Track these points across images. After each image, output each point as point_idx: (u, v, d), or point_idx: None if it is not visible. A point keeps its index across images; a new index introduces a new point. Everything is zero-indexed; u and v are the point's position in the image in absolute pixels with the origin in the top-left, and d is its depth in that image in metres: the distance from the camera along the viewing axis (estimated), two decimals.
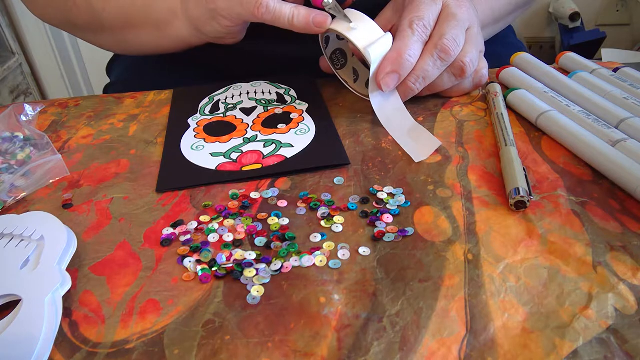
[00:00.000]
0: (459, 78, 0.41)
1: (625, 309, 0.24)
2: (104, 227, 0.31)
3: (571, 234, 0.28)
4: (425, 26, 0.39)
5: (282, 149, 0.37)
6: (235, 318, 0.25)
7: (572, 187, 0.32)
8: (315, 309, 0.25)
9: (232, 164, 0.36)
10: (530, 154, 0.35)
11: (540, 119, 0.38)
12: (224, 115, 0.43)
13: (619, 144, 0.33)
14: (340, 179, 0.34)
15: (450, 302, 0.25)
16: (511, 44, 0.63)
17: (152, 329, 0.24)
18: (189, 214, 0.32)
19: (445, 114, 0.41)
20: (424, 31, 0.39)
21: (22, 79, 1.51)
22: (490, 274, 0.26)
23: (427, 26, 0.39)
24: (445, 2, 0.40)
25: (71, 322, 0.25)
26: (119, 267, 0.28)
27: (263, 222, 0.31)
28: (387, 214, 0.30)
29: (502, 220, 0.30)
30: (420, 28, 0.38)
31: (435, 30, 0.39)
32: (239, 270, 0.27)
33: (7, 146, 0.38)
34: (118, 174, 0.36)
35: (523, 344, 0.23)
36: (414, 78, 0.39)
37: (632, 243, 0.28)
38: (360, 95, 0.43)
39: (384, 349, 0.23)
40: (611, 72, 0.43)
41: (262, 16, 0.40)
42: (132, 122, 0.43)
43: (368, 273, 0.27)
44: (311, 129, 0.39)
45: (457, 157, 0.35)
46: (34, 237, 0.28)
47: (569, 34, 1.70)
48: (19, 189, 0.34)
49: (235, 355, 0.23)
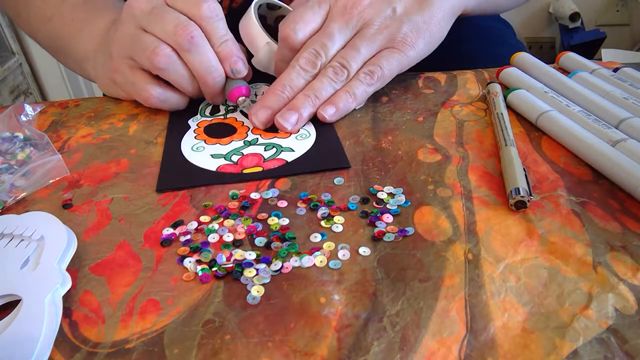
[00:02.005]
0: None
1: (625, 309, 0.24)
2: (104, 227, 0.31)
3: (571, 234, 0.28)
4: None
5: (282, 152, 0.37)
6: (235, 318, 0.25)
7: (572, 187, 0.32)
8: (315, 309, 0.25)
9: (232, 166, 0.36)
10: (530, 154, 0.35)
11: (540, 119, 0.38)
12: (225, 117, 0.43)
13: (619, 144, 0.33)
14: (340, 179, 0.34)
15: (450, 302, 0.25)
16: (511, 44, 0.63)
17: (152, 328, 0.24)
18: (189, 214, 0.32)
19: (445, 113, 0.41)
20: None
21: (22, 79, 1.51)
22: (490, 274, 0.26)
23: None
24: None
25: (71, 322, 0.25)
26: (119, 267, 0.28)
27: (263, 222, 0.31)
28: (387, 214, 0.30)
29: (502, 220, 0.30)
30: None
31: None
32: (239, 270, 0.27)
33: (7, 146, 0.38)
34: (118, 174, 0.36)
35: (523, 344, 0.23)
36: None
37: (632, 243, 0.28)
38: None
39: (384, 349, 0.23)
40: (611, 72, 0.43)
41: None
42: (132, 121, 0.43)
43: (368, 273, 0.27)
44: (311, 134, 0.39)
45: (457, 157, 0.35)
46: (34, 237, 0.28)
47: (569, 34, 1.70)
48: (19, 189, 0.34)
49: (235, 355, 0.23)
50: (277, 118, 0.39)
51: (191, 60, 0.39)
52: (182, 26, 0.38)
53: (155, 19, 0.39)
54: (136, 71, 0.41)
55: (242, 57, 0.41)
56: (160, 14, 0.39)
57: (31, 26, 0.52)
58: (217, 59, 0.40)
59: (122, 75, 0.42)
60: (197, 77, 0.40)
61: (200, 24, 0.39)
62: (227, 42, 0.40)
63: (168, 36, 0.38)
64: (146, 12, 0.39)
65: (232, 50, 0.40)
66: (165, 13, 0.39)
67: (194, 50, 0.39)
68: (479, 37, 0.61)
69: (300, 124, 0.39)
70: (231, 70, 0.41)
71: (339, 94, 0.40)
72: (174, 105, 0.43)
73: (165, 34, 0.39)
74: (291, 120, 0.39)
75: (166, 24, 0.38)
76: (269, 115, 0.39)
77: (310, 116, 0.40)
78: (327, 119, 0.39)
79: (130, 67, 0.42)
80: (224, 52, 0.40)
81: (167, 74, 0.40)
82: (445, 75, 0.47)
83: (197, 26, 0.39)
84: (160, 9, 0.39)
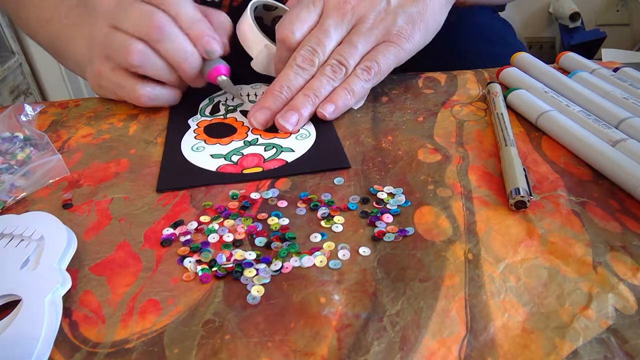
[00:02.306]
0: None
1: (625, 309, 0.24)
2: (104, 227, 0.31)
3: (571, 234, 0.28)
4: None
5: (282, 153, 0.37)
6: (235, 318, 0.25)
7: (572, 187, 0.32)
8: (315, 309, 0.25)
9: (232, 166, 0.36)
10: (530, 154, 0.35)
11: (540, 119, 0.38)
12: (224, 117, 0.43)
13: (619, 144, 0.33)
14: (340, 179, 0.34)
15: (450, 302, 0.25)
16: (511, 44, 0.63)
17: (152, 328, 0.24)
18: (189, 214, 0.32)
19: (445, 113, 0.41)
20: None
21: (22, 79, 1.51)
22: (490, 274, 0.26)
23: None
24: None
25: (71, 322, 0.25)
26: (119, 267, 0.28)
27: (263, 222, 0.31)
28: (387, 214, 0.30)
29: (502, 220, 0.30)
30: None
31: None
32: (239, 270, 0.27)
33: (7, 146, 0.38)
34: (118, 174, 0.36)
35: (523, 344, 0.23)
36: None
37: (632, 243, 0.28)
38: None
39: (384, 349, 0.23)
40: (611, 72, 0.43)
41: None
42: (132, 121, 0.43)
43: (368, 273, 0.27)
44: (311, 134, 0.39)
45: (457, 157, 0.35)
46: (34, 237, 0.28)
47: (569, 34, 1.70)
48: (19, 189, 0.34)
49: (235, 354, 0.23)
50: (277, 119, 0.39)
51: (164, 50, 0.39)
52: (148, 17, 0.37)
53: (122, 14, 0.38)
54: (119, 72, 0.41)
55: (214, 35, 0.40)
56: (126, 7, 0.38)
57: (30, 28, 0.52)
58: (190, 43, 0.39)
59: (107, 79, 0.42)
60: (173, 65, 0.40)
61: (166, 9, 0.38)
62: (197, 23, 0.39)
63: (136, 30, 0.38)
64: (113, 7, 0.39)
65: (203, 30, 0.39)
66: (130, 5, 0.38)
67: (164, 39, 0.38)
68: (479, 37, 0.61)
69: (301, 124, 0.39)
70: (205, 52, 0.40)
71: (337, 92, 0.40)
72: (166, 100, 0.42)
73: (133, 28, 0.38)
74: (292, 120, 0.39)
75: (132, 17, 0.38)
76: (267, 116, 0.39)
77: (310, 115, 0.40)
78: (327, 117, 0.39)
79: (112, 69, 0.41)
80: (194, 34, 0.39)
81: (145, 70, 0.40)
82: (445, 75, 0.47)
83: (163, 13, 0.38)
84: (125, 1, 0.38)
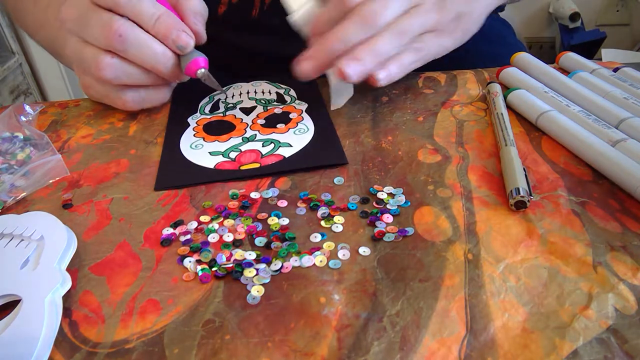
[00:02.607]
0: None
1: (625, 309, 0.24)
2: (104, 227, 0.31)
3: (571, 234, 0.28)
4: None
5: (280, 148, 0.37)
6: (235, 318, 0.25)
7: (572, 187, 0.32)
8: (315, 309, 0.25)
9: (230, 162, 0.36)
10: (530, 154, 0.35)
11: (540, 119, 0.38)
12: (224, 114, 0.43)
13: (619, 144, 0.33)
14: (340, 179, 0.34)
15: (450, 302, 0.25)
16: (511, 44, 0.63)
17: (152, 328, 0.24)
18: (189, 214, 0.32)
19: (445, 113, 0.41)
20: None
21: (22, 79, 1.51)
22: (490, 274, 0.26)
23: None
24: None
25: (71, 322, 0.25)
26: (119, 267, 0.28)
27: (263, 222, 0.31)
28: (387, 214, 0.30)
29: (502, 220, 0.30)
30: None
31: None
32: (239, 270, 0.27)
33: (7, 146, 0.38)
34: (118, 174, 0.36)
35: (523, 344, 0.23)
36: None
37: (632, 243, 0.28)
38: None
39: (384, 349, 0.23)
40: (611, 72, 0.43)
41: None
42: (132, 121, 0.43)
43: (368, 273, 0.27)
44: (310, 129, 0.39)
45: (457, 157, 0.35)
46: (34, 237, 0.28)
47: (569, 34, 1.70)
48: (19, 189, 0.34)
49: (235, 354, 0.23)
50: (340, 62, 0.35)
51: (132, 57, 0.37)
52: (108, 27, 0.36)
53: (84, 27, 0.37)
54: (100, 83, 0.40)
55: (183, 27, 0.37)
56: (87, 19, 0.37)
57: (29, 30, 0.52)
58: (157, 42, 0.37)
59: (93, 89, 0.41)
60: (148, 69, 0.38)
61: (124, 12, 0.36)
62: (160, 19, 0.37)
63: (100, 42, 0.36)
64: (75, 20, 0.37)
65: (169, 25, 0.37)
66: (90, 18, 0.37)
67: (130, 46, 0.36)
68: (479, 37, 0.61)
69: (360, 76, 0.36)
70: (177, 47, 0.37)
71: (391, 61, 0.37)
72: (155, 100, 0.41)
73: (97, 41, 0.37)
74: (355, 68, 0.35)
75: (93, 29, 0.36)
76: (316, 67, 0.37)
77: (367, 72, 0.36)
78: (377, 83, 0.37)
79: (96, 80, 0.40)
80: (161, 31, 0.37)
81: (121, 80, 0.38)
82: (445, 75, 0.47)
83: (122, 18, 0.36)
84: (85, 13, 0.37)
